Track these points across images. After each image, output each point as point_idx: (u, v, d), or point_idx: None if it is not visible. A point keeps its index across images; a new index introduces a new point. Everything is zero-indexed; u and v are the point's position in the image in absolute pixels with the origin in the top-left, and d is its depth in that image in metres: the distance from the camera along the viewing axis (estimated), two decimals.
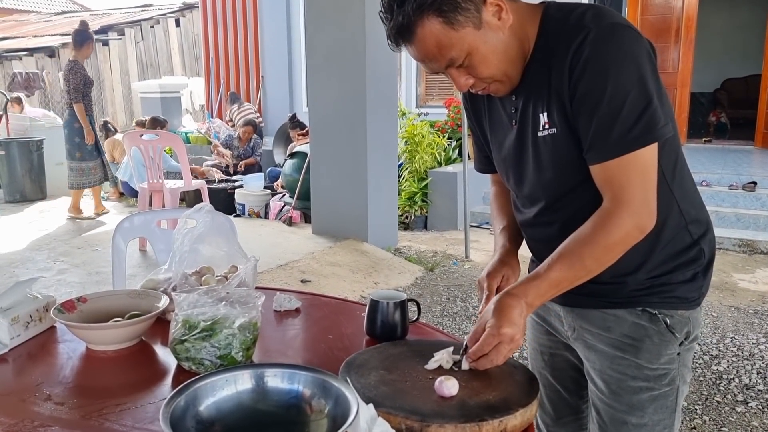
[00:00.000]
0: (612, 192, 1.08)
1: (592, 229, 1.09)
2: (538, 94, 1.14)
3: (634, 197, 1.07)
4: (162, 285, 1.46)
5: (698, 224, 1.21)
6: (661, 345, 1.19)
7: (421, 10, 1.03)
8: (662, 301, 1.19)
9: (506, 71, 1.12)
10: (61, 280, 4.25)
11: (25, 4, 20.10)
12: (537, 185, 1.21)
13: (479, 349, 1.07)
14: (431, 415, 0.97)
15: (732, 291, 4.20)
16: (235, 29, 9.84)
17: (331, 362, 1.18)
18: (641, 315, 1.19)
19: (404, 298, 1.36)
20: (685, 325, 1.20)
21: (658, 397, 1.20)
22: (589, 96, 1.06)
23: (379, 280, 4.32)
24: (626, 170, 1.07)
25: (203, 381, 0.94)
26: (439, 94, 8.71)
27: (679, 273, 1.19)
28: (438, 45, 1.06)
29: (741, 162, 6.94)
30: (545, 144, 1.15)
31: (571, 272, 1.09)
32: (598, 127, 1.06)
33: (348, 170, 4.91)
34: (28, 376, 1.20)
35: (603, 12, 1.09)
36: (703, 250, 1.21)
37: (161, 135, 5.45)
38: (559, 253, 1.10)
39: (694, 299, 1.21)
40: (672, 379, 1.21)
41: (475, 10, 1.05)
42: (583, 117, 1.08)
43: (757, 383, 2.90)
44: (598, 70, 1.05)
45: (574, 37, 1.06)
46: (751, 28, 9.34)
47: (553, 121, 1.13)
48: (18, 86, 9.76)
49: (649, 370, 1.20)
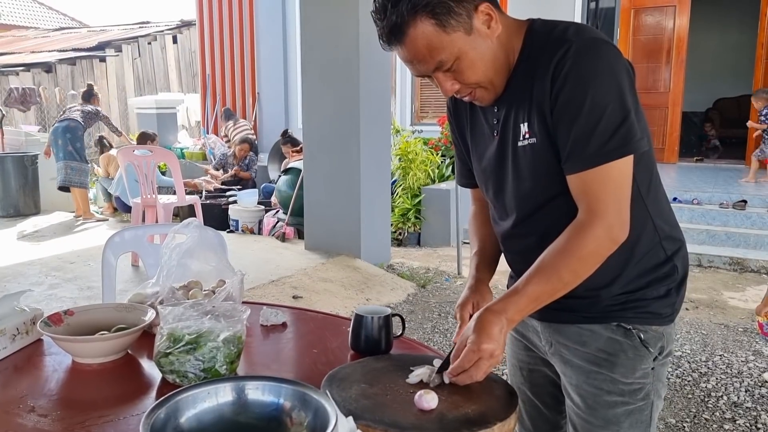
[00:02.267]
0: (587, 203, 1.10)
1: (566, 241, 1.11)
2: (520, 105, 1.16)
3: (607, 208, 1.09)
4: (149, 299, 1.47)
5: (672, 241, 1.23)
6: (635, 360, 1.21)
7: (415, 11, 1.05)
8: (636, 316, 1.20)
9: (492, 79, 1.15)
10: (52, 295, 4.24)
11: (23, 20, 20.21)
12: (515, 195, 1.23)
13: (459, 365, 1.09)
14: (410, 428, 0.98)
15: (722, 309, 4.22)
16: (231, 46, 9.91)
17: (315, 376, 1.19)
18: (616, 330, 1.21)
19: (388, 313, 1.37)
20: (659, 340, 1.22)
21: (633, 411, 1.22)
22: (568, 106, 1.09)
23: (371, 296, 4.33)
24: (602, 181, 1.09)
25: (184, 393, 0.95)
26: (433, 111, 8.77)
27: (653, 289, 1.21)
28: (429, 47, 1.08)
29: (732, 181, 6.99)
30: (525, 153, 1.17)
31: (549, 285, 1.11)
32: (576, 137, 1.09)
33: (341, 187, 4.94)
34: (13, 389, 1.20)
35: (585, 28, 1.12)
36: (676, 266, 1.23)
37: (155, 150, 5.47)
38: (536, 268, 1.12)
39: (668, 315, 1.23)
40: (647, 393, 1.22)
41: (467, 16, 1.08)
42: (562, 127, 1.10)
43: (746, 401, 2.91)
44: (578, 82, 1.07)
45: (557, 50, 1.09)
46: (741, 48, 9.47)
47: (533, 130, 1.15)
48: (14, 101, 9.79)
49: (624, 384, 1.21)
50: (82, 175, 6.81)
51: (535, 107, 1.13)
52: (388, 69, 5.22)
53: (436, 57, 1.09)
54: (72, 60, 11.85)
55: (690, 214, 5.93)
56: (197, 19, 10.36)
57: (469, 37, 1.09)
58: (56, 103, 10.86)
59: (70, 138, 6.64)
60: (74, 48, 12.76)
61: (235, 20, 9.81)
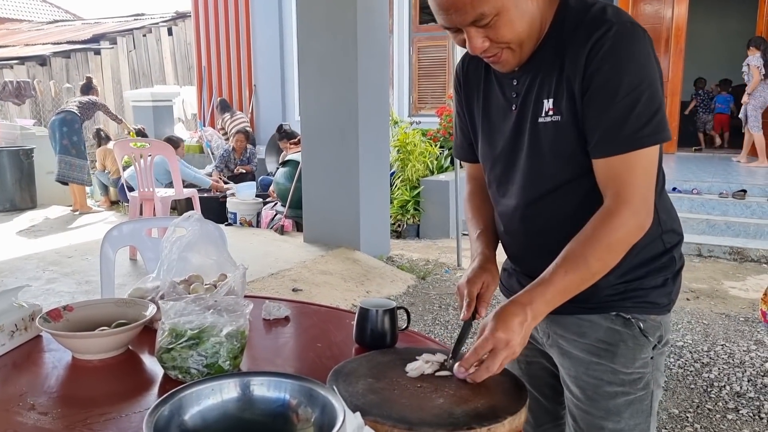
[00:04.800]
0: (615, 189, 1.08)
1: (594, 229, 1.08)
2: (545, 79, 1.13)
3: (635, 195, 1.07)
4: (150, 293, 1.45)
5: (672, 234, 1.23)
6: (635, 349, 1.20)
7: None
8: (635, 306, 1.20)
9: (523, 41, 1.11)
10: (50, 290, 4.21)
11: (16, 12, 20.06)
12: (526, 175, 1.20)
13: (473, 355, 1.06)
14: (419, 423, 0.96)
15: (723, 299, 4.22)
16: (227, 38, 9.85)
17: (320, 370, 1.17)
18: (615, 320, 1.20)
19: (393, 306, 1.35)
20: (657, 329, 1.21)
21: (633, 401, 1.21)
22: (604, 88, 1.06)
23: (371, 288, 4.31)
24: (631, 167, 1.07)
25: (188, 390, 0.93)
26: (431, 103, 8.73)
27: (651, 278, 1.20)
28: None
29: (731, 170, 6.98)
30: (545, 130, 1.14)
31: (577, 275, 1.08)
32: (610, 121, 1.07)
33: (340, 179, 4.91)
34: (12, 386, 1.18)
35: (622, 11, 1.10)
36: (674, 257, 1.23)
37: (152, 144, 5.43)
38: (562, 257, 1.09)
39: (665, 305, 1.22)
40: (647, 383, 1.22)
41: None
42: (593, 108, 1.08)
43: (748, 390, 2.90)
44: (616, 64, 1.05)
45: (596, 29, 1.06)
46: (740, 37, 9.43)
47: (558, 108, 1.12)
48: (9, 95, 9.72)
49: (624, 374, 1.20)
50: (77, 171, 6.77)
51: (564, 84, 1.10)
52: (386, 60, 5.18)
53: (478, 8, 1.04)
54: (66, 53, 11.77)
55: (690, 204, 5.92)
56: (192, 10, 10.29)
57: None
58: (51, 97, 10.79)
59: (66, 131, 6.60)
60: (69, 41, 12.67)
61: (231, 11, 9.74)
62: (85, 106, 6.81)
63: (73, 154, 6.69)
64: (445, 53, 8.71)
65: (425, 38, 8.84)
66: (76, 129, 6.67)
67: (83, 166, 6.82)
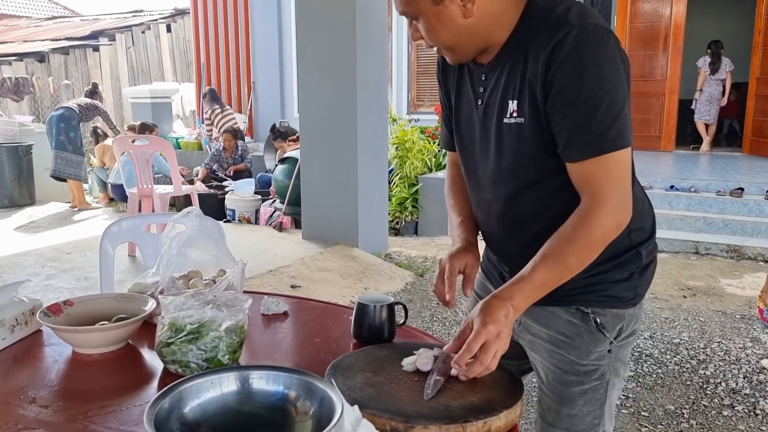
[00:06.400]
0: (590, 191, 1.10)
1: (572, 229, 1.11)
2: (510, 79, 1.14)
3: (611, 195, 1.09)
4: (149, 288, 1.46)
5: (641, 232, 1.25)
6: (590, 343, 1.24)
7: None
8: (596, 299, 1.22)
9: (453, 47, 1.15)
10: (49, 286, 4.22)
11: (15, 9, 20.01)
12: (496, 171, 1.22)
13: (467, 351, 1.07)
14: (416, 416, 0.98)
15: (719, 296, 4.24)
16: (226, 35, 9.84)
17: (318, 365, 1.19)
18: (575, 313, 1.24)
19: (391, 302, 1.37)
20: (617, 324, 1.24)
21: (588, 390, 1.25)
22: (565, 93, 1.07)
23: (369, 285, 4.32)
24: (603, 170, 1.08)
25: (188, 383, 0.94)
26: (429, 100, 8.74)
27: (614, 273, 1.22)
28: None
29: (729, 168, 7.00)
30: (510, 131, 1.16)
31: (555, 272, 1.11)
32: (574, 126, 1.07)
33: (338, 176, 4.92)
34: (13, 380, 1.19)
35: (587, 11, 1.09)
36: (640, 253, 1.24)
37: (151, 140, 5.44)
38: (541, 255, 1.12)
39: (629, 299, 1.24)
40: (602, 374, 1.26)
41: None
42: (557, 113, 1.09)
43: (744, 387, 2.92)
44: (577, 68, 1.05)
45: (557, 32, 1.06)
46: (738, 36, 9.45)
47: (522, 110, 1.13)
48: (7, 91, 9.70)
49: (579, 366, 1.24)
50: (74, 167, 6.77)
51: (527, 86, 1.11)
52: (384, 57, 5.19)
53: (401, 7, 1.13)
54: (65, 49, 11.75)
55: (687, 202, 5.94)
56: (191, 7, 10.28)
57: (436, 7, 1.09)
58: (50, 93, 10.78)
59: (63, 127, 6.61)
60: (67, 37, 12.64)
61: (230, 8, 9.74)
62: (86, 107, 6.84)
63: (70, 150, 6.70)
64: None
65: None
66: (74, 126, 6.68)
67: (80, 162, 6.83)
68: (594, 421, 1.27)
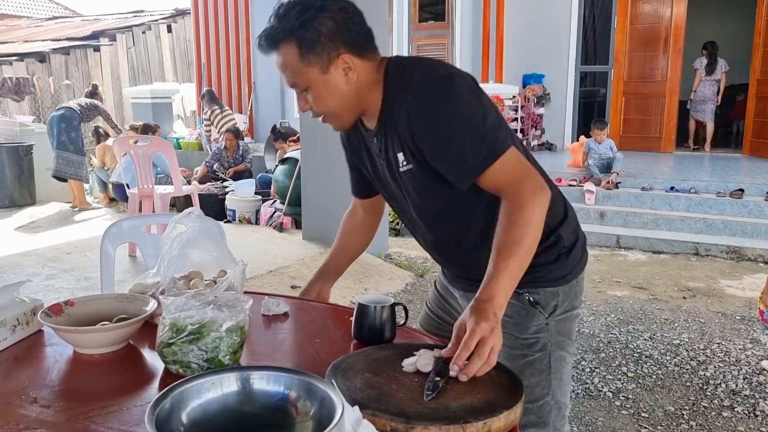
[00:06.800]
0: (503, 189, 1.25)
1: (508, 217, 1.23)
2: (391, 137, 1.32)
3: (521, 180, 1.24)
4: (150, 289, 1.46)
5: (552, 216, 1.35)
6: (527, 318, 1.41)
7: (288, 34, 1.23)
8: (529, 281, 1.33)
9: (339, 114, 1.32)
10: (49, 286, 4.23)
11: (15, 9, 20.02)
12: (414, 207, 1.41)
13: (465, 350, 1.09)
14: (416, 417, 0.98)
15: (719, 297, 4.24)
16: (226, 35, 9.84)
17: (319, 366, 1.19)
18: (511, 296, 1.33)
19: (392, 302, 1.37)
20: (552, 300, 1.41)
21: (533, 362, 1.41)
22: (434, 143, 1.25)
23: (370, 286, 4.33)
24: (502, 170, 1.24)
25: (189, 383, 0.95)
26: None
27: (541, 257, 1.35)
28: (288, 66, 1.26)
29: (729, 170, 7.00)
30: (408, 177, 1.35)
31: (515, 258, 1.19)
32: (452, 167, 1.26)
33: (339, 176, 4.87)
34: (14, 380, 1.19)
35: (431, 67, 1.27)
36: (560, 236, 1.41)
37: (152, 140, 5.44)
38: (495, 251, 1.21)
39: (560, 277, 1.42)
40: (543, 345, 1.42)
41: (327, 59, 1.24)
42: (437, 160, 1.27)
43: (744, 388, 2.92)
44: (432, 122, 1.23)
45: (407, 96, 1.25)
46: (738, 37, 9.45)
47: (408, 159, 1.31)
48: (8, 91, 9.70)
49: (521, 339, 1.41)
50: (75, 167, 6.78)
51: (403, 141, 1.29)
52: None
53: (292, 78, 1.27)
54: (66, 49, 11.75)
55: (687, 203, 5.94)
56: (192, 7, 10.28)
57: (323, 76, 1.25)
58: (50, 93, 10.78)
59: (64, 127, 6.61)
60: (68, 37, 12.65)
61: (230, 8, 9.74)
62: (87, 107, 6.84)
63: (71, 150, 6.69)
64: (444, 51, 8.72)
65: (424, 36, 8.85)
66: (75, 126, 6.68)
67: (81, 162, 6.82)
68: (543, 391, 1.42)
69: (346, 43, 1.24)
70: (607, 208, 6.09)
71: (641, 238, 5.56)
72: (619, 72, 8.38)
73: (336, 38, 1.23)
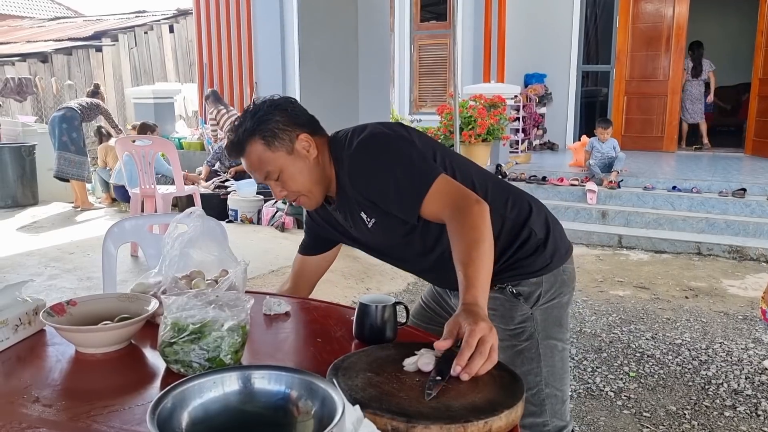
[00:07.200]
0: (443, 213, 1.37)
1: (456, 229, 1.33)
2: (350, 204, 1.49)
3: (455, 201, 1.35)
4: (152, 289, 1.47)
5: (517, 213, 1.52)
6: (511, 309, 1.51)
7: (251, 134, 1.43)
8: (511, 276, 1.50)
9: (311, 189, 1.48)
10: (51, 286, 4.24)
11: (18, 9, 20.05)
12: (394, 252, 1.60)
13: (467, 349, 1.09)
14: (417, 416, 0.98)
15: (721, 297, 4.23)
16: (228, 36, 9.85)
17: (320, 365, 1.19)
18: (495, 290, 1.49)
19: (393, 302, 1.37)
20: (535, 290, 1.51)
21: (522, 350, 1.51)
22: (378, 195, 1.43)
23: (372, 285, 4.33)
24: (437, 197, 1.37)
25: (191, 382, 0.95)
26: (432, 101, 8.74)
27: (520, 252, 1.50)
28: (259, 160, 1.44)
29: (731, 169, 6.99)
30: (377, 229, 1.50)
31: (480, 262, 1.26)
32: (397, 203, 1.41)
33: None
34: (16, 379, 1.20)
35: (354, 134, 1.47)
36: (532, 230, 1.51)
37: (154, 140, 5.45)
38: (459, 261, 1.29)
39: (541, 267, 1.51)
40: (530, 334, 1.52)
41: (289, 141, 1.44)
42: (386, 206, 1.43)
43: (746, 388, 2.92)
44: (369, 181, 1.43)
45: (343, 167, 1.45)
46: (740, 36, 9.44)
47: (370, 214, 1.48)
48: (10, 92, 9.72)
49: (508, 330, 1.51)
50: (77, 167, 6.78)
51: (360, 203, 1.47)
52: (386, 58, 5.19)
53: (264, 168, 1.44)
54: (68, 50, 11.77)
55: (689, 203, 5.94)
56: (194, 8, 10.29)
57: (291, 156, 1.44)
58: (53, 94, 10.79)
59: (66, 128, 6.61)
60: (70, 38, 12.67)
61: (232, 8, 9.74)
62: (88, 107, 6.85)
63: (72, 150, 6.69)
64: (446, 51, 8.71)
65: (426, 36, 8.85)
66: (76, 126, 6.67)
67: (83, 163, 6.82)
68: (536, 378, 1.51)
69: (299, 125, 1.46)
70: (609, 207, 6.09)
71: (643, 238, 5.56)
72: (621, 71, 8.38)
73: (290, 123, 1.44)
